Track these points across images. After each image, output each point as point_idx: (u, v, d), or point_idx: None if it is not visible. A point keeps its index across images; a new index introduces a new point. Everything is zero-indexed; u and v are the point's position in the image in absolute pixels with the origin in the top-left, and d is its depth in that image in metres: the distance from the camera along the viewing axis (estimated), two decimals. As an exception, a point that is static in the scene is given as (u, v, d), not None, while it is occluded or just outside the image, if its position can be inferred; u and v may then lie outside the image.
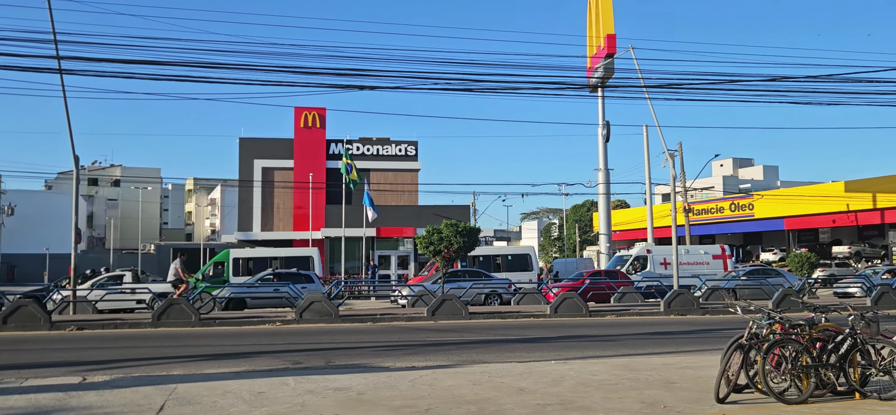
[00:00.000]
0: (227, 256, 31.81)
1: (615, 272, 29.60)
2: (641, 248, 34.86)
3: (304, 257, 31.83)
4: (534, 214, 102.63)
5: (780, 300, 22.36)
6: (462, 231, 23.07)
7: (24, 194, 66.24)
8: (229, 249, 33.38)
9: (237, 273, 30.94)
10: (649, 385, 9.33)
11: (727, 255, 33.35)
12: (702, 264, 31.92)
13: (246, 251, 35.08)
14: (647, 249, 33.18)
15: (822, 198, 48.89)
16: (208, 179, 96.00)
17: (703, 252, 33.47)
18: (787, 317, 8.76)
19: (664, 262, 31.20)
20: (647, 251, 33.11)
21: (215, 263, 31.94)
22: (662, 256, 32.08)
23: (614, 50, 38.51)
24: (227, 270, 31.11)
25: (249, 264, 31.80)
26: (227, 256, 31.81)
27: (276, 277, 25.85)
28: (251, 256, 33.26)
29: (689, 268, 30.97)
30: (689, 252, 32.95)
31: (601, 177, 41.55)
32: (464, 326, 19.12)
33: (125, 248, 75.31)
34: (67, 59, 18.45)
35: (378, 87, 18.75)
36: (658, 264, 31.36)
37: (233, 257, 31.82)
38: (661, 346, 14.32)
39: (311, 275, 26.91)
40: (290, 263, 30.93)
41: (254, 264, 31.75)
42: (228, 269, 31.14)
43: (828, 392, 8.32)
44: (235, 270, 31.19)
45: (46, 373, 10.99)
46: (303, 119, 48.38)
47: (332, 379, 9.98)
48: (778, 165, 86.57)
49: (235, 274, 30.85)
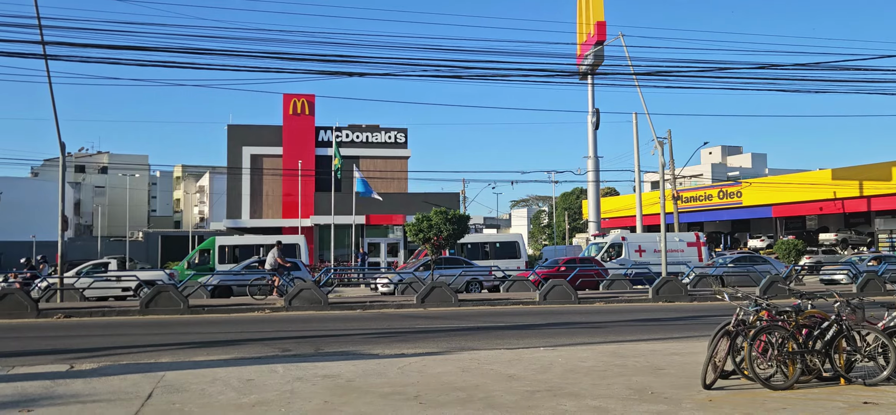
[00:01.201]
0: (213, 244, 31.66)
1: (591, 260, 29.62)
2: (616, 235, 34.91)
3: (291, 245, 31.75)
4: (523, 202, 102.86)
5: (767, 287, 22.51)
6: (452, 219, 23.09)
7: (9, 181, 65.61)
8: (215, 237, 33.24)
9: (223, 261, 30.82)
10: (637, 371, 9.39)
11: (702, 242, 33.35)
12: (676, 252, 31.93)
13: (232, 239, 34.95)
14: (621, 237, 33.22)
15: (809, 185, 49.23)
16: (197, 167, 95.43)
17: (678, 239, 33.45)
18: (773, 304, 8.82)
19: (639, 249, 31.24)
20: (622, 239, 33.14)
21: (201, 250, 31.81)
22: (637, 243, 32.10)
23: (604, 37, 38.55)
24: (213, 257, 30.98)
25: (236, 252, 31.68)
26: (213, 244, 31.66)
27: (261, 265, 25.73)
28: (237, 243, 33.14)
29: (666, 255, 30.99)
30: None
31: (591, 164, 41.68)
32: (453, 313, 19.15)
33: (113, 235, 74.87)
34: (52, 44, 18.26)
35: (367, 74, 18.69)
36: (633, 252, 31.36)
37: (219, 245, 31.69)
38: (649, 332, 14.40)
39: (298, 262, 26.84)
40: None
41: (240, 252, 31.64)
42: (214, 256, 31.02)
43: (813, 378, 8.40)
44: (221, 257, 31.06)
45: (33, 361, 10.93)
46: (292, 106, 48.14)
47: (322, 366, 9.98)
48: (766, 153, 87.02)
49: (221, 262, 30.72)
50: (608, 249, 32.30)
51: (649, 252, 31.13)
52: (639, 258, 30.21)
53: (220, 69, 16.95)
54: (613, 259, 31.69)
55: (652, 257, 30.56)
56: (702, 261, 31.63)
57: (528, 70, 19.05)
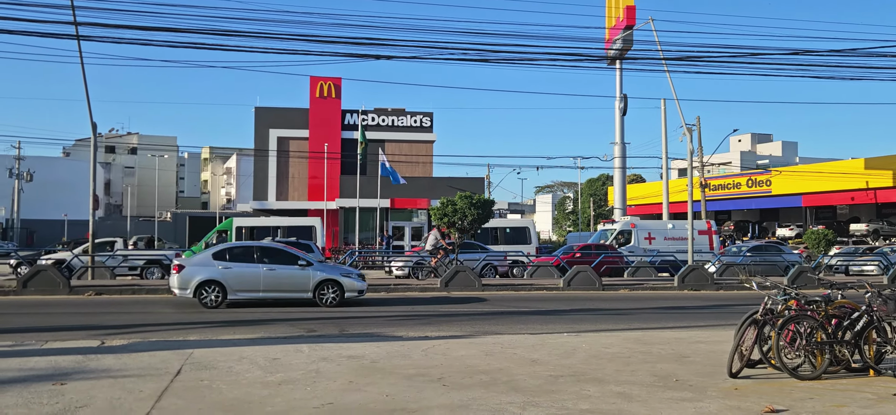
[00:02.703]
0: (231, 225, 31.94)
1: (606, 247, 29.26)
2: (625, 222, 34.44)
3: (306, 227, 31.93)
4: (548, 188, 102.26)
5: (795, 277, 22.23)
6: (476, 203, 23.07)
7: (43, 160, 66.88)
8: (233, 219, 33.52)
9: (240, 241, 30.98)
10: (662, 359, 9.33)
11: (713, 231, 32.70)
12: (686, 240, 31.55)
13: (249, 220, 35.21)
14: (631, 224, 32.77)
15: (841, 175, 48.35)
16: (224, 148, 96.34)
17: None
18: (802, 293, 8.71)
19: (648, 236, 30.78)
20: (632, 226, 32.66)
21: (219, 231, 32.12)
22: (647, 230, 31.61)
23: (634, 22, 38.07)
24: (231, 238, 31.21)
25: (253, 233, 31.91)
26: (231, 225, 31.94)
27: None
28: (254, 225, 33.39)
29: (675, 243, 30.53)
30: (674, 227, 32.39)
31: (617, 151, 41.35)
32: (476, 297, 19.18)
33: (142, 215, 76.00)
34: (85, 24, 18.52)
35: (393, 57, 18.67)
36: (642, 239, 30.90)
37: (236, 226, 31.94)
38: (674, 320, 14.31)
39: (311, 244, 26.89)
40: (294, 232, 31.01)
41: (257, 233, 31.87)
42: (231, 237, 31.26)
43: (842, 369, 8.29)
44: (238, 238, 31.27)
45: (66, 336, 11.17)
46: (318, 89, 48.32)
47: (346, 347, 10.07)
48: (797, 142, 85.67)
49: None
50: (617, 236, 31.86)
51: (659, 239, 30.69)
52: (648, 246, 29.77)
53: (249, 51, 17.16)
54: (621, 246, 31.32)
55: (661, 245, 30.13)
56: (713, 249, 31.09)
57: (555, 54, 18.92)
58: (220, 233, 31.97)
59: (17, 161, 57.13)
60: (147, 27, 16.72)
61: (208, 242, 31.21)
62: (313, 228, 31.64)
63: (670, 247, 29.72)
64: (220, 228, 32.35)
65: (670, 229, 31.68)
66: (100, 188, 72.45)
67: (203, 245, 31.09)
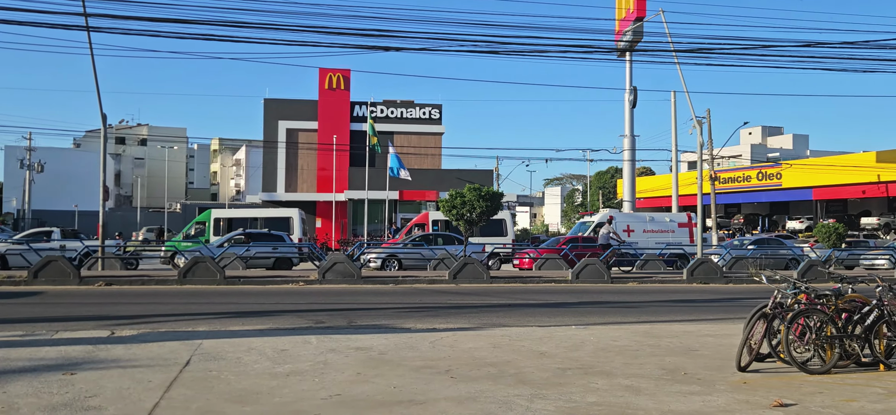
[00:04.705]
0: (209, 217, 31.93)
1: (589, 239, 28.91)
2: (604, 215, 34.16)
3: (284, 218, 32.03)
4: (557, 180, 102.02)
5: (805, 270, 22.12)
6: (485, 195, 23.04)
7: (53, 151, 67.30)
8: (211, 210, 33.51)
9: (217, 233, 30.81)
10: (670, 352, 9.31)
11: (693, 223, 32.20)
12: (666, 233, 31.14)
13: (227, 212, 35.30)
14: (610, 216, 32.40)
15: (852, 168, 48.03)
16: (233, 140, 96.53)
17: (668, 220, 32.38)
18: (813, 287, 8.66)
19: (627, 229, 30.48)
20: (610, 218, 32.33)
21: (197, 222, 32.18)
22: (625, 223, 31.30)
23: (644, 13, 37.82)
24: (208, 229, 31.21)
25: (231, 224, 31.85)
26: (209, 217, 31.93)
27: (246, 238, 25.81)
28: (232, 216, 33.48)
29: (653, 236, 30.21)
30: (653, 220, 32.07)
31: (627, 143, 41.15)
32: (484, 289, 19.18)
33: (152, 206, 76.38)
34: (95, 15, 18.56)
35: (403, 49, 18.67)
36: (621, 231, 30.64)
37: (213, 217, 31.90)
38: (683, 314, 14.27)
39: (283, 235, 27.01)
40: (271, 224, 31.12)
41: (234, 224, 31.87)
42: (209, 229, 31.24)
43: (852, 363, 8.24)
44: (216, 229, 31.25)
45: (76, 326, 11.24)
46: (327, 80, 48.34)
47: (354, 339, 10.09)
48: (808, 134, 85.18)
49: (216, 234, 30.63)
50: (595, 228, 31.52)
51: (638, 232, 30.39)
52: (627, 238, 29.45)
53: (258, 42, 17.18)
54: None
55: (641, 237, 29.79)
56: (693, 242, 30.74)
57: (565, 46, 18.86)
58: (197, 223, 32.04)
59: (29, 152, 57.50)
60: (157, 19, 16.75)
61: (186, 234, 31.28)
62: (290, 220, 31.78)
63: (648, 239, 29.49)
64: (198, 220, 32.42)
65: (649, 222, 31.43)
66: (110, 179, 72.67)
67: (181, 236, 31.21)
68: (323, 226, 47.64)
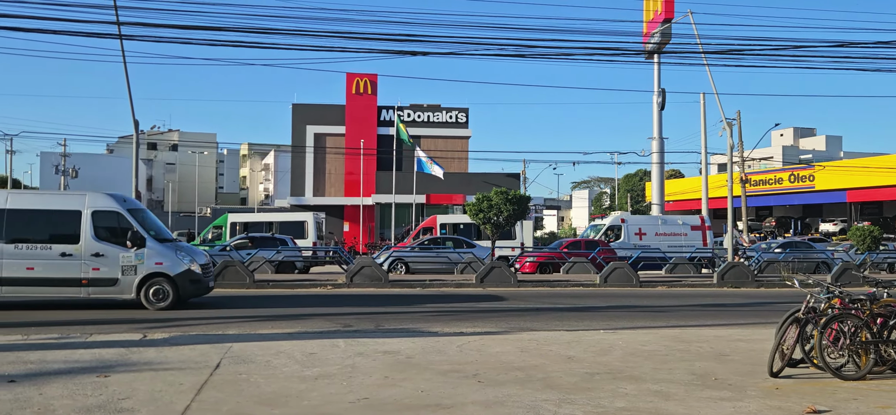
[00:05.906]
0: (226, 221, 32.58)
1: (595, 242, 28.69)
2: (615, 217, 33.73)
3: (298, 222, 32.36)
4: (585, 183, 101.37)
5: (839, 274, 21.71)
6: (512, 199, 22.97)
7: (87, 157, 68.56)
8: (227, 214, 34.12)
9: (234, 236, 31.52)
10: (700, 357, 9.20)
11: (707, 226, 31.69)
12: (679, 235, 30.62)
13: (243, 216, 36.02)
14: (621, 219, 31.96)
15: (887, 169, 47.09)
16: (262, 145, 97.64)
17: (681, 223, 31.81)
18: (846, 291, 8.50)
19: (639, 232, 30.07)
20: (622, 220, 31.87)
21: (215, 226, 32.80)
22: (637, 226, 30.86)
23: (672, 14, 37.50)
24: (225, 233, 31.79)
25: (246, 228, 32.52)
26: (226, 221, 32.58)
27: (251, 242, 26.30)
28: (248, 220, 34.10)
29: (665, 239, 29.78)
30: (665, 222, 31.59)
31: (655, 146, 40.78)
32: (512, 293, 19.13)
33: (183, 211, 77.44)
34: (127, 24, 18.91)
35: (429, 53, 18.69)
36: (633, 235, 30.18)
37: (230, 222, 32.57)
38: (713, 318, 14.09)
39: (287, 239, 27.35)
40: (286, 228, 31.54)
41: (250, 228, 32.44)
42: (226, 232, 31.84)
43: (887, 369, 8.08)
44: (232, 233, 31.86)
45: (108, 329, 11.44)
46: (354, 85, 48.65)
47: (382, 343, 10.13)
48: (841, 135, 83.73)
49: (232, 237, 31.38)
50: (606, 231, 31.18)
51: (650, 235, 29.99)
52: (639, 241, 29.04)
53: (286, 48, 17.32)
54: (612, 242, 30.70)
55: (653, 240, 29.45)
56: (707, 245, 30.27)
57: (592, 49, 18.71)
58: (215, 227, 32.64)
59: (64, 158, 58.68)
60: (188, 26, 17.01)
61: (204, 238, 31.84)
62: (305, 223, 32.17)
63: (661, 243, 29.13)
64: (216, 223, 33.03)
65: (661, 224, 31.03)
66: (142, 184, 73.83)
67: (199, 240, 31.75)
68: (350, 230, 47.92)
